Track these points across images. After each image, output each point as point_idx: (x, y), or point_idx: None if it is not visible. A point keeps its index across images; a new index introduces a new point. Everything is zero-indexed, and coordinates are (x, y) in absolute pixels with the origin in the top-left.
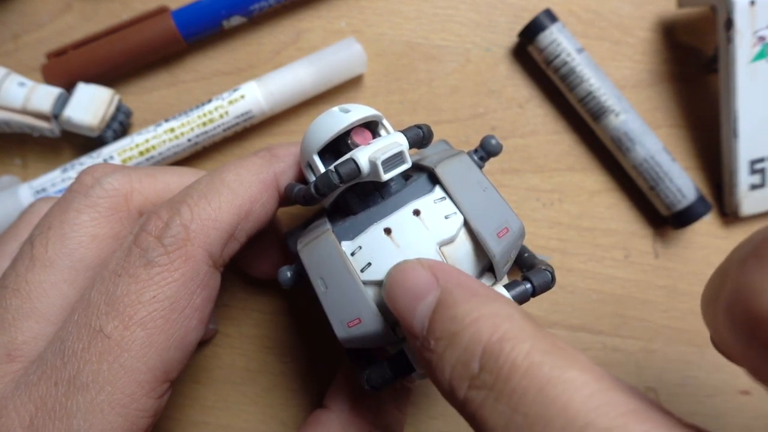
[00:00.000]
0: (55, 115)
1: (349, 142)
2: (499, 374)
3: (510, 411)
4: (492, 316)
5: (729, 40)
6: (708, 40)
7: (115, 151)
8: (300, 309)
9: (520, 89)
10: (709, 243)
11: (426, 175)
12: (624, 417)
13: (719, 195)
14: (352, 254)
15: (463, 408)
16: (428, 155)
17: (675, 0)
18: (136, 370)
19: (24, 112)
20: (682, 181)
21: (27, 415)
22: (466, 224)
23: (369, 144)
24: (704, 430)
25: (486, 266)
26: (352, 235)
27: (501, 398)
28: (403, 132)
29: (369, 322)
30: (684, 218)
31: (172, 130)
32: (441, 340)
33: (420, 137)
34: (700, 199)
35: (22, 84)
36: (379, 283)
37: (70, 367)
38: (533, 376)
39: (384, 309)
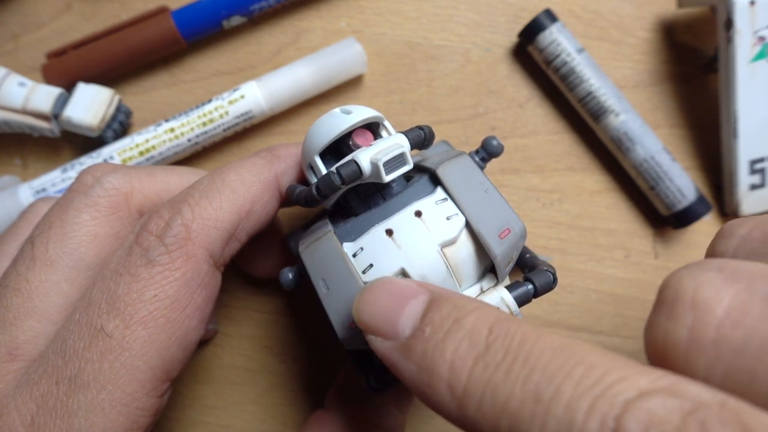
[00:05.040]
0: (55, 115)
1: (351, 143)
2: (511, 345)
3: (527, 371)
4: (492, 307)
5: (729, 40)
6: (708, 40)
7: (115, 151)
8: (300, 309)
9: (520, 89)
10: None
11: (427, 177)
12: (637, 367)
13: (719, 195)
14: (354, 255)
15: (464, 394)
16: (429, 156)
17: (675, 0)
18: (137, 368)
19: (24, 112)
20: (682, 181)
21: (28, 414)
22: (468, 225)
23: (370, 145)
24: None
25: (488, 267)
26: (353, 237)
27: (515, 364)
28: (405, 133)
29: None
30: (684, 218)
31: (172, 130)
32: (441, 325)
33: (421, 138)
34: (700, 199)
35: (22, 84)
36: None
37: (71, 366)
38: (546, 340)
39: None
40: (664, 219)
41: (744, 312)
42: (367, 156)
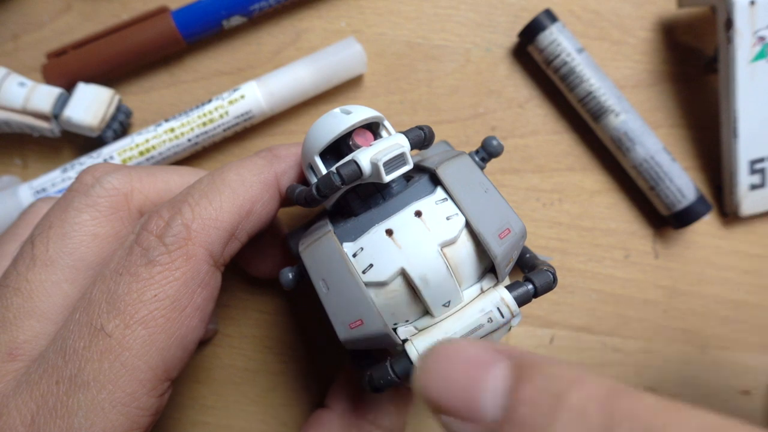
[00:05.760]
0: (55, 115)
1: (351, 143)
2: (631, 425)
3: None
4: (591, 375)
5: (729, 40)
6: (708, 40)
7: (115, 151)
8: (300, 309)
9: (520, 89)
10: (709, 243)
11: (427, 177)
12: None
13: (719, 195)
14: (354, 255)
15: None
16: (429, 156)
17: (675, 0)
18: (137, 368)
19: (24, 112)
20: (682, 181)
21: (28, 414)
22: (468, 225)
23: (370, 145)
24: None
25: (488, 267)
26: (353, 237)
27: None
28: (405, 133)
29: (371, 323)
30: (684, 218)
31: (172, 130)
32: (539, 405)
33: (421, 138)
34: (700, 199)
35: (22, 84)
36: (380, 284)
37: (71, 366)
38: (683, 420)
39: (385, 310)
40: (664, 219)
41: None
42: (367, 156)
